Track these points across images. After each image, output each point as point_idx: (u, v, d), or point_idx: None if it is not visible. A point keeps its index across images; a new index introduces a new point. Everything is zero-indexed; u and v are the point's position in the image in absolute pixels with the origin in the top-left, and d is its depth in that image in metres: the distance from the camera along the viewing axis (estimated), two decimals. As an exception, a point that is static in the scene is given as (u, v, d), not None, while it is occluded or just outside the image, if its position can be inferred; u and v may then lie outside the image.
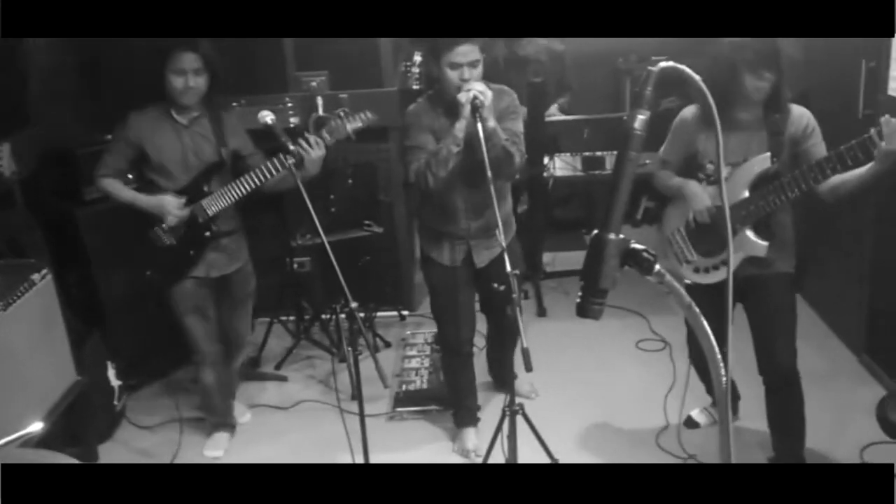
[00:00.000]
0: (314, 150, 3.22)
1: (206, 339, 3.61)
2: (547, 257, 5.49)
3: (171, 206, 3.36)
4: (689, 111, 3.10)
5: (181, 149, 3.37)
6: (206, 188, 3.39)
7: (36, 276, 3.13)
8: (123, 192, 3.44)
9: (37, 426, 2.24)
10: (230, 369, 3.87)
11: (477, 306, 3.66)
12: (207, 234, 3.42)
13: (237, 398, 4.05)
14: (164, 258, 3.42)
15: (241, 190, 3.33)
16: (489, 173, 2.84)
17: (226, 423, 3.86)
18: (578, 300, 1.44)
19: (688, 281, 3.15)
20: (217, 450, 3.76)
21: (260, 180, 3.29)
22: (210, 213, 3.37)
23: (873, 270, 4.00)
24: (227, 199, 3.35)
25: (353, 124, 3.32)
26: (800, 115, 2.91)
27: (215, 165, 3.41)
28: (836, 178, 2.74)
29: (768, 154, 2.87)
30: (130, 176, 3.51)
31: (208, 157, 3.41)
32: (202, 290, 3.52)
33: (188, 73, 3.26)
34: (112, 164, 3.43)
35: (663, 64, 1.43)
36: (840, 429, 3.55)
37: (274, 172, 3.26)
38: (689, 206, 3.09)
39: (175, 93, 3.29)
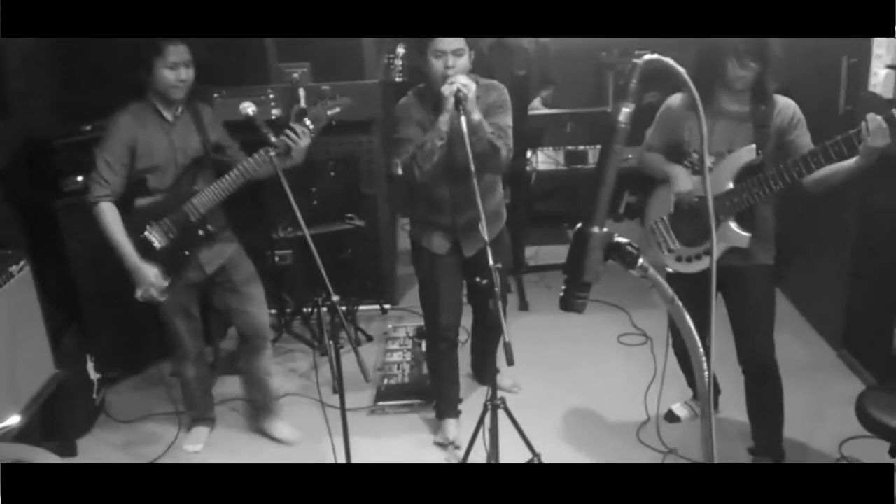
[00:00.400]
0: (302, 140, 3.20)
1: (190, 337, 3.57)
2: (529, 251, 5.48)
3: (153, 281, 3.24)
4: (676, 98, 3.11)
5: (171, 147, 3.28)
6: (194, 186, 3.31)
7: (14, 268, 3.09)
8: (118, 234, 3.21)
9: (14, 419, 2.22)
10: (257, 368, 3.70)
11: (465, 299, 3.66)
12: (201, 232, 3.33)
13: (278, 415, 3.84)
14: (157, 262, 3.28)
15: (230, 185, 3.24)
16: (472, 166, 2.83)
17: (205, 417, 3.83)
18: (562, 294, 1.44)
19: (670, 270, 3.15)
20: (196, 444, 3.74)
21: (248, 173, 3.22)
22: (203, 210, 3.28)
23: (853, 266, 4.03)
24: (217, 195, 3.26)
25: (332, 110, 3.29)
26: (786, 105, 2.92)
27: (200, 161, 3.34)
28: (822, 171, 2.75)
29: (753, 146, 2.88)
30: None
31: (194, 152, 3.33)
32: (188, 290, 3.46)
33: (180, 67, 3.17)
34: (110, 178, 3.18)
35: (648, 56, 1.42)
36: (819, 422, 3.58)
37: (262, 164, 3.18)
38: (672, 187, 3.10)
39: (166, 87, 3.19)
